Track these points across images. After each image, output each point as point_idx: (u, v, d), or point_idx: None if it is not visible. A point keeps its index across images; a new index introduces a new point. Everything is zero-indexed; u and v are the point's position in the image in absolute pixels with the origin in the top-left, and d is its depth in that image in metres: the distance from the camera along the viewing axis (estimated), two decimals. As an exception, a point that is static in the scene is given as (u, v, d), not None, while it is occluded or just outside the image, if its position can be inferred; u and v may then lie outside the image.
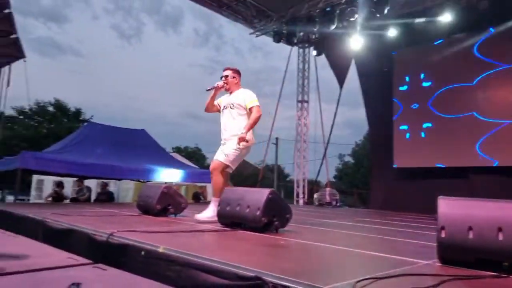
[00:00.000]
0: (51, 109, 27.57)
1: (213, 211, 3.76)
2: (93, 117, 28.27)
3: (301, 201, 12.21)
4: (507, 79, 8.53)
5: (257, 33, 11.76)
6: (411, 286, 1.52)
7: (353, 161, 32.28)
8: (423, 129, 9.70)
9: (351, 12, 9.13)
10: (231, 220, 3.29)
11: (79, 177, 10.27)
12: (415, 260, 2.09)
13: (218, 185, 3.96)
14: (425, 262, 2.06)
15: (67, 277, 1.66)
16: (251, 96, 4.03)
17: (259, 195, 3.04)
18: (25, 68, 5.72)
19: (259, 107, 4.00)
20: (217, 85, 4.14)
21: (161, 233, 2.82)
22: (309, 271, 1.76)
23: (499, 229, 1.86)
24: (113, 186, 13.29)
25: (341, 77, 11.74)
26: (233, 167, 4.04)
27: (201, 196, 13.05)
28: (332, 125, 12.14)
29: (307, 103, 12.68)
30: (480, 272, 1.82)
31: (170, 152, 17.52)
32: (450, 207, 2.05)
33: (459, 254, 1.95)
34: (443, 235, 1.97)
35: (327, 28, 10.08)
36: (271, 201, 2.98)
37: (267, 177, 26.35)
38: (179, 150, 33.61)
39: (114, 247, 2.59)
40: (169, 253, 2.06)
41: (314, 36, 11.53)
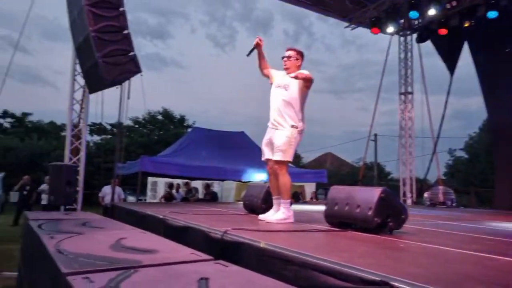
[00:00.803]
0: (160, 117, 30.50)
1: (283, 213, 3.63)
2: (195, 122, 30.44)
3: (409, 201, 11.38)
4: None
5: (353, 25, 11.33)
6: None
7: (466, 156, 29.00)
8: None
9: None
10: (340, 220, 3.19)
11: (188, 179, 11.13)
12: None
13: (287, 185, 3.69)
14: None
15: (194, 271, 1.76)
16: (305, 71, 3.74)
17: (370, 194, 2.89)
18: (142, 81, 6.43)
19: (311, 75, 3.71)
20: (254, 44, 3.93)
21: (271, 232, 2.87)
22: (442, 279, 1.58)
23: None
24: (216, 186, 14.07)
25: (451, 63, 10.60)
26: (291, 159, 3.77)
27: (300, 195, 13.06)
28: (442, 117, 11.02)
29: (411, 95, 11.77)
30: None
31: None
32: None
33: None
34: None
35: (432, 10, 9.22)
36: (383, 200, 2.81)
37: (367, 176, 25.20)
38: (275, 150, 34.13)
39: (228, 245, 2.71)
40: (285, 252, 2.07)
41: (417, 21, 10.66)
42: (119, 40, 5.89)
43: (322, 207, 3.57)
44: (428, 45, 11.06)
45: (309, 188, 14.29)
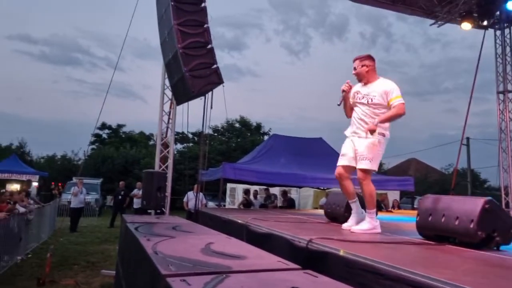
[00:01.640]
0: (237, 125, 31.49)
1: (369, 223, 3.46)
2: (271, 129, 30.83)
3: None
4: None
5: (439, 22, 10.54)
6: None
7: None
8: None
9: None
10: (435, 232, 2.94)
11: (266, 186, 11.26)
12: None
13: (372, 195, 3.56)
14: None
15: (284, 280, 1.74)
16: (396, 91, 3.48)
17: (471, 205, 2.61)
18: (223, 91, 6.72)
19: (404, 105, 3.45)
20: (342, 91, 3.75)
21: (359, 243, 2.75)
22: None
23: None
24: (294, 193, 14.02)
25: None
26: (376, 168, 3.60)
27: (382, 204, 12.40)
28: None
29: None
30: None
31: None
32: None
33: None
34: None
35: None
36: (488, 212, 2.52)
37: (460, 184, 23.07)
38: (354, 156, 33.05)
39: (313, 254, 2.65)
40: (378, 265, 1.95)
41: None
42: (203, 54, 6.22)
43: (408, 217, 3.34)
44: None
45: (392, 196, 13.53)
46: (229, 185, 18.67)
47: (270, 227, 3.70)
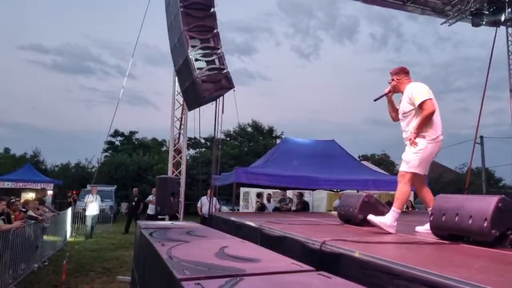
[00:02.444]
0: (249, 129, 31.58)
1: (389, 220, 3.54)
2: (284, 133, 30.81)
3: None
4: None
5: (450, 21, 10.46)
6: None
7: None
8: None
9: None
10: (449, 232, 2.92)
11: (281, 189, 11.25)
12: None
13: (403, 195, 3.67)
14: None
15: (298, 282, 1.76)
16: (417, 90, 3.54)
17: (484, 204, 2.59)
18: (234, 96, 6.78)
19: (427, 102, 3.45)
20: (385, 92, 3.92)
21: (373, 244, 2.75)
22: None
23: None
24: (307, 196, 13.98)
25: None
26: (421, 172, 3.64)
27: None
28: None
29: (524, 91, 10.36)
30: None
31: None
32: None
33: None
34: None
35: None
36: (502, 210, 2.50)
37: (474, 183, 22.67)
38: (366, 158, 32.83)
39: (327, 255, 2.66)
40: (392, 265, 1.96)
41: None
42: (214, 59, 6.30)
43: (421, 217, 3.34)
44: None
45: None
46: (242, 189, 18.70)
47: (283, 230, 3.72)
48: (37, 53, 66.64)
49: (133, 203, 13.38)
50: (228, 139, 31.10)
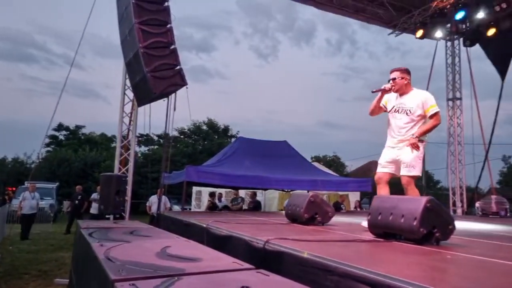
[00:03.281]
0: (204, 127, 31.24)
1: None
2: (239, 132, 30.84)
3: (459, 211, 10.77)
4: None
5: (397, 32, 11.06)
6: None
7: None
8: None
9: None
10: (384, 230, 3.09)
11: (233, 188, 11.26)
12: None
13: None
14: None
15: (235, 280, 1.78)
16: (431, 100, 3.75)
17: (415, 204, 2.78)
18: (187, 93, 6.67)
19: (439, 113, 3.74)
20: (384, 87, 3.92)
21: (313, 242, 2.84)
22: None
23: None
24: (259, 195, 14.11)
25: (502, 68, 10.01)
26: (420, 173, 3.85)
27: (342, 205, 12.76)
28: (494, 123, 10.41)
29: (460, 101, 11.20)
30: None
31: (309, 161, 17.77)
32: None
33: None
34: None
35: (480, 14, 8.84)
36: (429, 210, 2.69)
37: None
38: (317, 159, 33.77)
39: (270, 254, 2.71)
40: (327, 262, 2.04)
41: (464, 25, 10.23)
42: (166, 55, 6.16)
43: (365, 217, 3.48)
44: (477, 49, 10.54)
45: (353, 197, 13.96)
46: (195, 188, 18.45)
47: (230, 229, 3.73)
48: (-28, 37, 61.54)
49: (76, 202, 12.72)
50: (182, 137, 30.54)
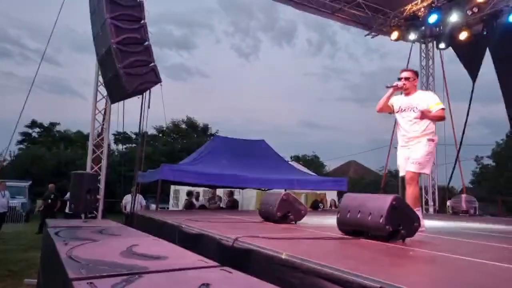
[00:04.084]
0: (183, 126, 30.97)
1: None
2: (219, 131, 30.71)
3: (431, 209, 11.08)
4: None
5: (373, 33, 11.26)
6: None
7: (493, 164, 27.92)
8: None
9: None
10: (352, 228, 3.15)
11: (210, 187, 11.21)
12: None
13: (415, 194, 3.81)
14: None
15: (198, 278, 1.78)
16: (436, 98, 3.95)
17: (381, 202, 2.84)
18: (161, 91, 6.59)
19: (443, 111, 3.90)
20: (397, 84, 4.00)
21: (282, 240, 2.86)
22: (441, 287, 1.55)
23: None
24: (237, 194, 14.11)
25: (473, 70, 10.34)
26: (428, 172, 3.94)
27: (320, 204, 12.91)
28: (465, 124, 10.76)
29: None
30: None
31: (289, 161, 17.89)
32: None
33: None
34: None
35: (453, 17, 9.11)
36: (395, 208, 2.75)
37: (391, 184, 24.62)
38: (297, 158, 34.06)
39: (239, 252, 2.72)
40: (292, 260, 2.06)
41: (438, 28, 10.51)
42: (139, 51, 6.06)
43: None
44: (450, 52, 10.85)
45: (331, 196, 14.17)
46: (173, 187, 18.30)
47: (201, 227, 3.71)
48: None
49: (49, 201, 12.38)
50: (160, 135, 30.19)
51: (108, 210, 9.22)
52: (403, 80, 3.99)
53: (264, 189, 12.40)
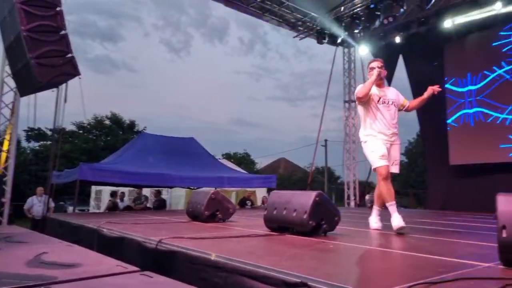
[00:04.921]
0: (107, 122, 29.14)
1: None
2: (147, 128, 29.40)
3: (352, 203, 11.82)
4: None
5: (301, 35, 11.64)
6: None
7: (406, 160, 30.76)
8: (478, 124, 9.00)
9: (396, 7, 8.83)
10: (278, 224, 3.21)
11: (135, 187, 10.68)
12: (475, 262, 1.90)
13: (391, 190, 3.60)
14: (486, 264, 1.87)
15: (114, 285, 1.67)
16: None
17: (305, 198, 2.93)
18: (80, 85, 6.09)
19: None
20: (380, 72, 3.81)
21: (208, 239, 2.81)
22: (358, 276, 1.64)
23: None
24: (165, 193, 13.67)
25: (388, 74, 11.23)
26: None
27: (247, 201, 13.04)
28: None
29: (355, 103, 12.26)
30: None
31: (220, 158, 17.78)
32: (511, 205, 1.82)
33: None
34: (504, 235, 1.77)
35: (372, 24, 9.79)
36: (318, 204, 2.86)
37: (318, 180, 25.85)
38: (228, 156, 34.07)
39: (162, 254, 2.61)
40: (216, 259, 2.03)
41: (359, 34, 11.20)
42: (55, 40, 5.53)
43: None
44: (371, 56, 11.65)
45: (261, 193, 14.36)
46: (94, 188, 17.13)
47: (123, 230, 3.51)
48: None
49: None
50: (81, 131, 28.07)
51: (17, 215, 8.27)
52: (382, 68, 3.85)
53: (193, 188, 12.19)
